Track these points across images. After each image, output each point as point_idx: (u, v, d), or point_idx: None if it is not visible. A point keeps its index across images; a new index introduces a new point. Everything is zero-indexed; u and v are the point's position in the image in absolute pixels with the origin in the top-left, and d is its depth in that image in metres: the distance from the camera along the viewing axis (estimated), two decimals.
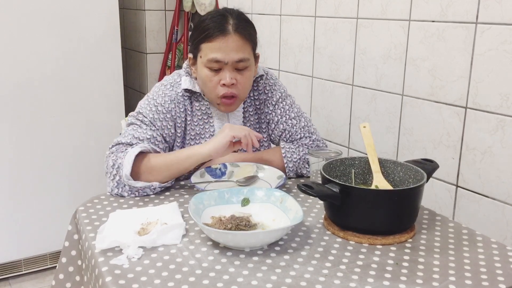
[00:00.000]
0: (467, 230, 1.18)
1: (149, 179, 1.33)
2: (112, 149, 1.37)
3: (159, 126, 1.43)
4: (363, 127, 1.27)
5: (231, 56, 1.38)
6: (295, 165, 1.47)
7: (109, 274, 0.96)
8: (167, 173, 1.35)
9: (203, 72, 1.41)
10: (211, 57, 1.38)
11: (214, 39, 1.38)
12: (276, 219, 1.16)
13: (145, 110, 1.44)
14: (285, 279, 0.95)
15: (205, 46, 1.39)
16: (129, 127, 1.43)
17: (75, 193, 2.50)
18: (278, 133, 1.55)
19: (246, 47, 1.41)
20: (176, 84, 1.49)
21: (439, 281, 0.95)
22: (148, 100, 1.46)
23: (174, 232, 1.10)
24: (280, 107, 1.54)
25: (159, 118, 1.43)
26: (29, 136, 2.36)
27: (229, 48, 1.38)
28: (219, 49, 1.38)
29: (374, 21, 1.73)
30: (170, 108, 1.45)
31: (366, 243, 1.10)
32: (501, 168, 1.40)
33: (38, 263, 2.52)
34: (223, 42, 1.37)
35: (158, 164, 1.34)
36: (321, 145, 1.54)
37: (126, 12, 3.17)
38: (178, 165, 1.34)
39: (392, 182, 1.24)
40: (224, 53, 1.38)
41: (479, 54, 1.41)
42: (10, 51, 2.25)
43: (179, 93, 1.47)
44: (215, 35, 1.38)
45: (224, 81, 1.39)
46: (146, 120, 1.42)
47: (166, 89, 1.47)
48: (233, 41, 1.38)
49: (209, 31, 1.39)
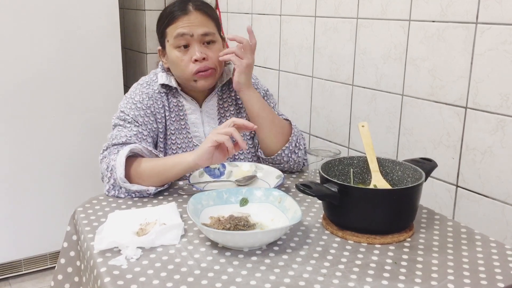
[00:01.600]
0: (466, 229, 1.17)
1: (140, 184, 1.32)
2: (104, 153, 1.39)
3: (142, 122, 1.44)
4: (362, 127, 1.27)
5: (195, 30, 1.42)
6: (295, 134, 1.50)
7: (108, 275, 0.96)
8: (156, 179, 1.33)
9: (173, 54, 1.44)
10: (176, 33, 1.42)
11: (177, 19, 1.43)
12: (274, 219, 1.16)
13: (125, 109, 1.45)
14: (283, 279, 0.95)
15: (170, 28, 1.44)
16: (114, 129, 1.44)
17: (75, 193, 2.50)
18: None
19: (209, 23, 1.46)
20: (152, 82, 1.51)
21: (438, 280, 0.95)
22: (127, 100, 1.48)
23: (173, 232, 1.10)
24: None
25: (140, 115, 1.45)
26: (28, 136, 2.36)
27: (193, 24, 1.43)
28: (182, 26, 1.42)
29: (374, 21, 1.72)
30: (148, 104, 1.47)
31: (365, 243, 1.09)
32: (501, 168, 1.40)
33: (38, 263, 2.52)
34: (185, 20, 1.43)
35: (147, 170, 1.32)
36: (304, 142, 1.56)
37: (126, 12, 3.17)
38: (166, 172, 1.32)
39: (390, 181, 1.24)
40: (188, 27, 1.42)
41: (479, 54, 1.41)
42: (10, 50, 2.25)
43: (156, 90, 1.49)
44: (177, 15, 1.43)
45: (195, 57, 1.42)
46: (129, 118, 1.44)
47: (142, 87, 1.50)
48: (195, 18, 1.43)
49: (172, 14, 1.44)
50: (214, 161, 1.28)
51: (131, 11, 3.11)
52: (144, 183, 1.32)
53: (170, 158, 1.35)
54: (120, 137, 1.40)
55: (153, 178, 1.32)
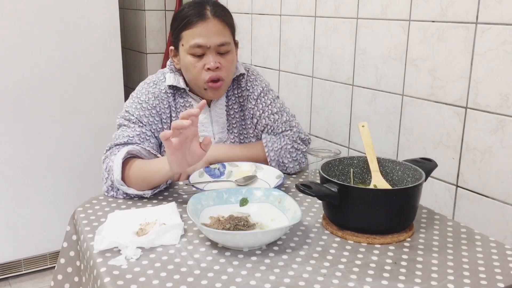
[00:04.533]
0: (466, 229, 1.17)
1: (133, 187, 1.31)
2: (106, 153, 1.39)
3: (146, 122, 1.45)
4: (362, 127, 1.27)
5: (212, 40, 1.42)
6: (276, 154, 1.49)
7: (108, 275, 0.96)
8: (142, 183, 1.30)
9: (187, 59, 1.44)
10: (194, 43, 1.41)
11: (195, 25, 1.42)
12: (274, 219, 1.15)
13: (130, 109, 1.45)
14: (283, 279, 0.95)
15: (186, 33, 1.43)
16: (119, 129, 1.45)
17: (75, 193, 2.50)
18: (261, 128, 1.56)
19: (226, 31, 1.45)
20: (159, 81, 1.51)
21: (438, 280, 0.95)
22: (133, 99, 1.48)
23: (173, 232, 1.10)
24: (262, 101, 1.56)
25: (145, 115, 1.45)
26: (28, 136, 2.36)
27: (210, 33, 1.42)
28: (200, 34, 1.41)
29: (374, 21, 1.72)
30: (154, 104, 1.47)
31: (365, 243, 1.09)
32: (501, 168, 1.40)
33: (38, 263, 2.52)
34: (203, 27, 1.41)
35: (135, 174, 1.30)
36: (303, 137, 1.56)
37: (126, 12, 3.17)
38: (149, 177, 1.29)
39: (390, 181, 1.24)
40: (205, 37, 1.41)
41: (479, 54, 1.41)
42: (10, 51, 2.25)
43: (162, 90, 1.49)
44: (195, 21, 1.42)
45: (209, 65, 1.42)
46: (133, 118, 1.44)
47: (149, 87, 1.50)
48: (213, 26, 1.42)
49: (188, 18, 1.43)
50: (191, 162, 1.21)
51: (131, 11, 3.11)
52: (135, 187, 1.30)
53: (154, 165, 1.30)
54: (122, 137, 1.40)
55: (139, 182, 1.30)
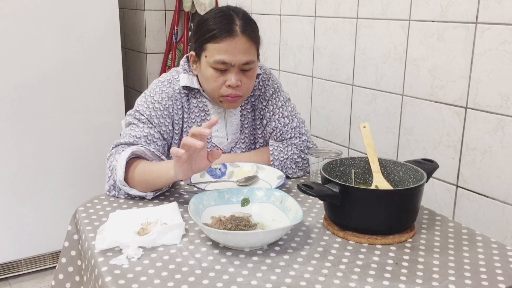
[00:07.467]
0: (467, 230, 1.18)
1: (135, 187, 1.30)
2: (112, 151, 1.37)
3: (156, 123, 1.42)
4: (363, 127, 1.27)
5: (238, 59, 1.36)
6: (281, 164, 1.46)
7: (109, 274, 0.96)
8: (146, 185, 1.30)
9: (208, 71, 1.39)
10: (218, 59, 1.36)
11: (222, 40, 1.35)
12: (276, 219, 1.16)
13: (142, 108, 1.43)
14: (284, 279, 0.95)
15: (211, 46, 1.36)
16: (127, 127, 1.43)
17: (75, 193, 2.50)
18: (270, 130, 1.53)
19: (252, 49, 1.39)
20: (174, 81, 1.48)
21: (439, 281, 0.95)
22: (146, 98, 1.45)
23: (174, 232, 1.10)
24: (273, 103, 1.53)
25: (156, 115, 1.42)
26: (29, 136, 2.36)
27: (237, 50, 1.35)
28: (226, 51, 1.35)
29: (374, 21, 1.73)
30: (167, 105, 1.44)
31: (366, 243, 1.10)
32: (501, 168, 1.40)
33: (38, 263, 2.52)
34: (230, 44, 1.35)
35: (138, 175, 1.29)
36: (310, 146, 1.53)
37: (126, 12, 3.17)
38: (152, 181, 1.28)
39: (392, 182, 1.24)
40: (231, 55, 1.35)
41: (479, 54, 1.41)
42: (10, 51, 2.25)
43: (176, 90, 1.47)
44: (223, 36, 1.35)
45: (230, 83, 1.37)
46: (143, 118, 1.42)
47: (163, 85, 1.47)
48: (241, 43, 1.35)
49: (215, 32, 1.35)
50: (196, 171, 1.21)
51: (131, 11, 3.11)
52: (137, 188, 1.30)
53: (158, 168, 1.29)
54: (129, 137, 1.38)
55: (142, 184, 1.30)
